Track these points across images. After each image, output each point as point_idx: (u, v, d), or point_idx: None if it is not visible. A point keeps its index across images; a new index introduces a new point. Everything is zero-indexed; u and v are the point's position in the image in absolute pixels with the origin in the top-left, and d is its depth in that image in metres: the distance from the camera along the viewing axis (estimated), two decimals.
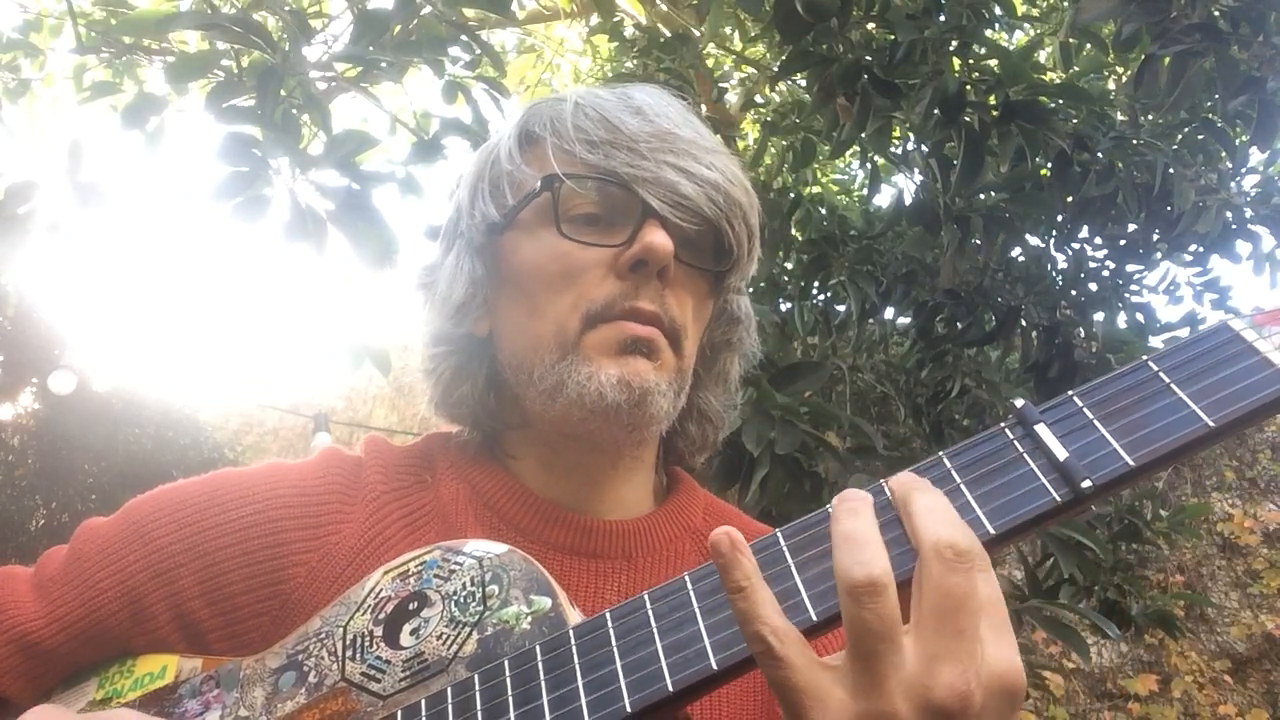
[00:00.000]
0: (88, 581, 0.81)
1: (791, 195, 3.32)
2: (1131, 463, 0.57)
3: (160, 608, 0.79)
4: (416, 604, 0.72)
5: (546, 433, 0.87)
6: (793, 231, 3.30)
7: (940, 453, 0.62)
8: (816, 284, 3.20)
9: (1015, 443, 0.61)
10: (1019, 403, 0.62)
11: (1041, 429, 0.60)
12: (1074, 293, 3.20)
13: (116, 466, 7.68)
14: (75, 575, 0.81)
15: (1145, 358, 0.61)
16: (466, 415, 0.91)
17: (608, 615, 0.64)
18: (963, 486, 0.60)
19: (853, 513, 0.55)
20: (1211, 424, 0.56)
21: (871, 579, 0.52)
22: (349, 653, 0.72)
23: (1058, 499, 0.57)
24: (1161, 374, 0.60)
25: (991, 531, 0.58)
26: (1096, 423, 0.59)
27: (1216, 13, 2.10)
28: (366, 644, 0.71)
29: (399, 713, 0.67)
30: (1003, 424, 0.62)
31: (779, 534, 0.62)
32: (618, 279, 0.81)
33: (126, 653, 0.80)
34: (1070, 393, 0.61)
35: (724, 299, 0.92)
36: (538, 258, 0.84)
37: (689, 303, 0.85)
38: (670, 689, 0.58)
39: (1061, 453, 0.58)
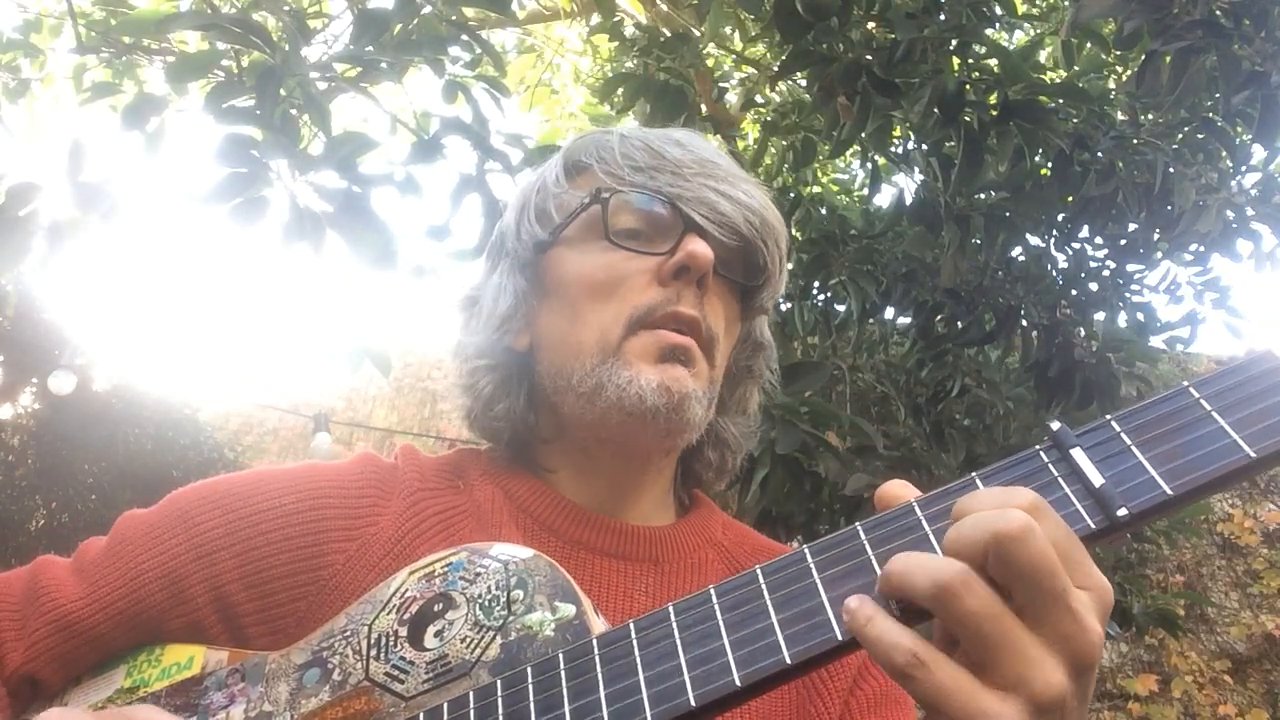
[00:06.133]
0: (130, 563, 0.82)
1: (791, 195, 3.33)
2: (1170, 491, 0.55)
3: (199, 589, 0.81)
4: (441, 606, 0.72)
5: (582, 438, 0.91)
6: (793, 231, 3.30)
7: (973, 474, 0.60)
8: (816, 284, 3.20)
9: (1050, 466, 0.59)
10: (1055, 425, 0.60)
11: (1077, 453, 0.58)
12: (1074, 292, 3.20)
13: (116, 466, 7.67)
14: (117, 558, 0.83)
15: (1186, 384, 0.59)
16: (504, 430, 0.94)
17: (631, 626, 0.63)
18: None
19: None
20: (1253, 455, 0.55)
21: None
22: (373, 652, 0.72)
23: (1092, 526, 0.56)
24: (1202, 401, 0.58)
25: None
26: (1134, 449, 0.57)
27: (1218, 9, 2.10)
28: (391, 644, 0.71)
29: (421, 715, 0.67)
30: (1037, 446, 0.60)
31: (806, 549, 0.61)
32: (661, 286, 0.86)
33: (159, 638, 0.81)
34: (1108, 417, 0.60)
35: (750, 322, 0.97)
36: (583, 267, 0.89)
37: (722, 315, 0.91)
38: (692, 704, 0.57)
39: (1098, 479, 0.57)
